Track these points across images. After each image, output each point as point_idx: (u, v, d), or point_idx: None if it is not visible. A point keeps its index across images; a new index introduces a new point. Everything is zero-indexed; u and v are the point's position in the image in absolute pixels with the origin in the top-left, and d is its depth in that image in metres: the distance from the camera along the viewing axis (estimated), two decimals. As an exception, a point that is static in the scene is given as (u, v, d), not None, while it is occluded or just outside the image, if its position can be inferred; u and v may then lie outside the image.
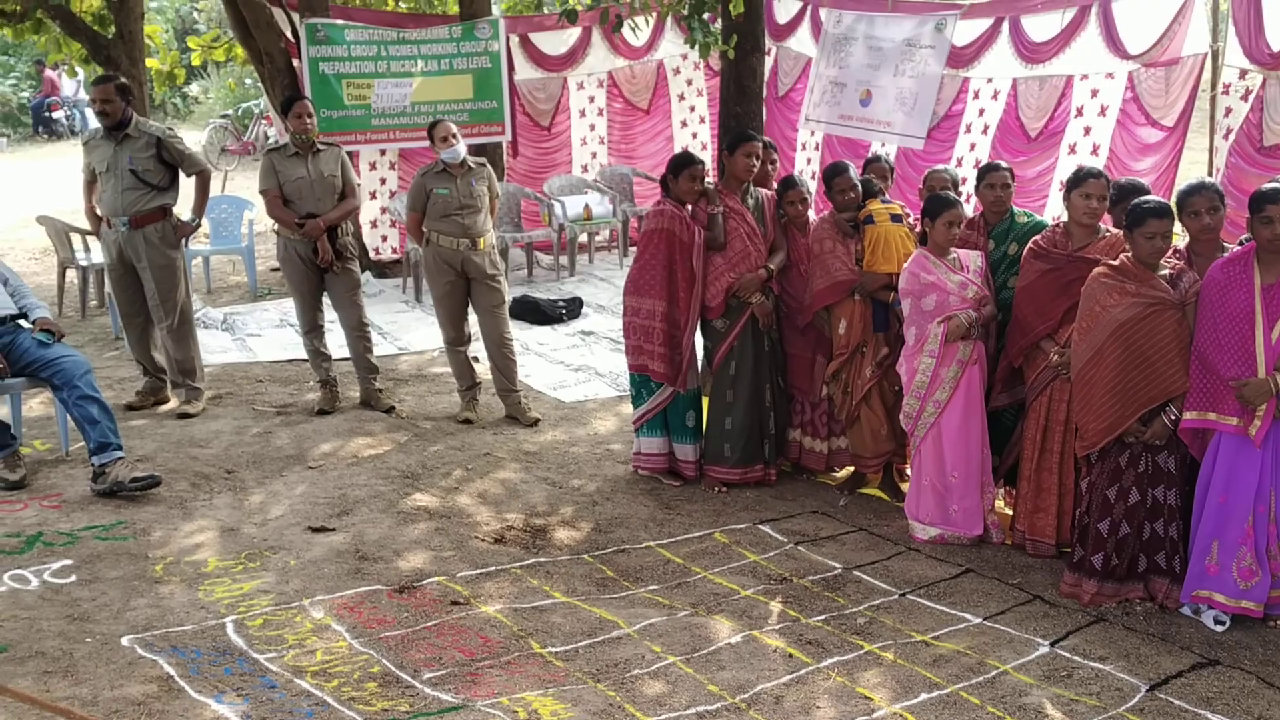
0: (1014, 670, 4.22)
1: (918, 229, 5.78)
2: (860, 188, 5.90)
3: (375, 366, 7.35)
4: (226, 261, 12.03)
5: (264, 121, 20.93)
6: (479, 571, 5.05)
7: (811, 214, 6.28)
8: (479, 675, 4.10)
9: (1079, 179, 5.12)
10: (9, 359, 5.88)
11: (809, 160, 11.61)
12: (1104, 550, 4.78)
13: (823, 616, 4.67)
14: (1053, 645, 4.42)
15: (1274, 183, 4.39)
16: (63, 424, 6.32)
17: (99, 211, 6.97)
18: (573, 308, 9.80)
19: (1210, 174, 8.14)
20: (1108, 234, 5.12)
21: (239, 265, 11.60)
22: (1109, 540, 4.77)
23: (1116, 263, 4.68)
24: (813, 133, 11.35)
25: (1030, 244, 5.29)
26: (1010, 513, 5.60)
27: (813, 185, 9.07)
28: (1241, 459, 4.43)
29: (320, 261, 6.87)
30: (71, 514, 5.50)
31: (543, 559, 5.23)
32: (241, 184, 15.57)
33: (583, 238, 11.67)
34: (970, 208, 6.41)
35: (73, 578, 4.82)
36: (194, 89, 25.33)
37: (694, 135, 12.86)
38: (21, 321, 6.08)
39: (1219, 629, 4.54)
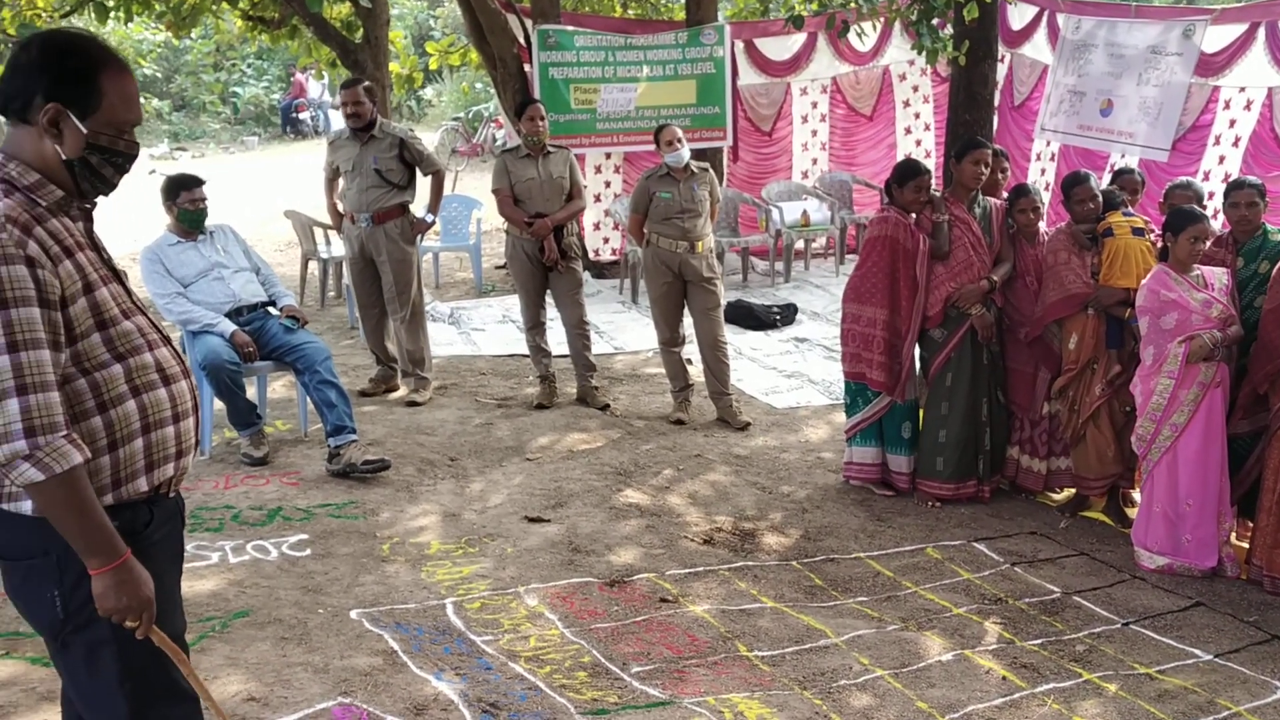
0: (1248, 713, 3.99)
1: (1159, 244, 5.54)
2: (1101, 199, 5.68)
3: (593, 364, 7.51)
4: (454, 258, 12.50)
5: (493, 125, 21.69)
6: (688, 571, 5.09)
7: (1042, 225, 6.08)
8: (686, 673, 4.14)
9: None
10: (259, 342, 6.28)
11: (1043, 171, 11.23)
12: (1355, 592, 4.46)
13: (1039, 641, 4.52)
14: (1292, 690, 4.16)
15: None
16: (303, 406, 6.72)
17: (342, 208, 7.37)
18: (787, 314, 9.77)
19: None
20: (1372, 253, 4.78)
21: (465, 262, 12.04)
22: (1361, 582, 4.45)
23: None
24: (1048, 143, 10.97)
25: (1282, 262, 4.99)
26: (1245, 545, 5.28)
27: (1046, 196, 8.77)
28: None
29: (546, 260, 7.07)
30: (308, 491, 5.84)
31: (751, 563, 5.24)
32: (470, 184, 16.16)
33: (799, 244, 11.61)
34: (1218, 224, 6.08)
35: (307, 551, 5.12)
36: (428, 93, 26.45)
37: (918, 143, 12.63)
38: (270, 308, 6.49)
39: None
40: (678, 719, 3.79)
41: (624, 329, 9.55)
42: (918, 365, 6.13)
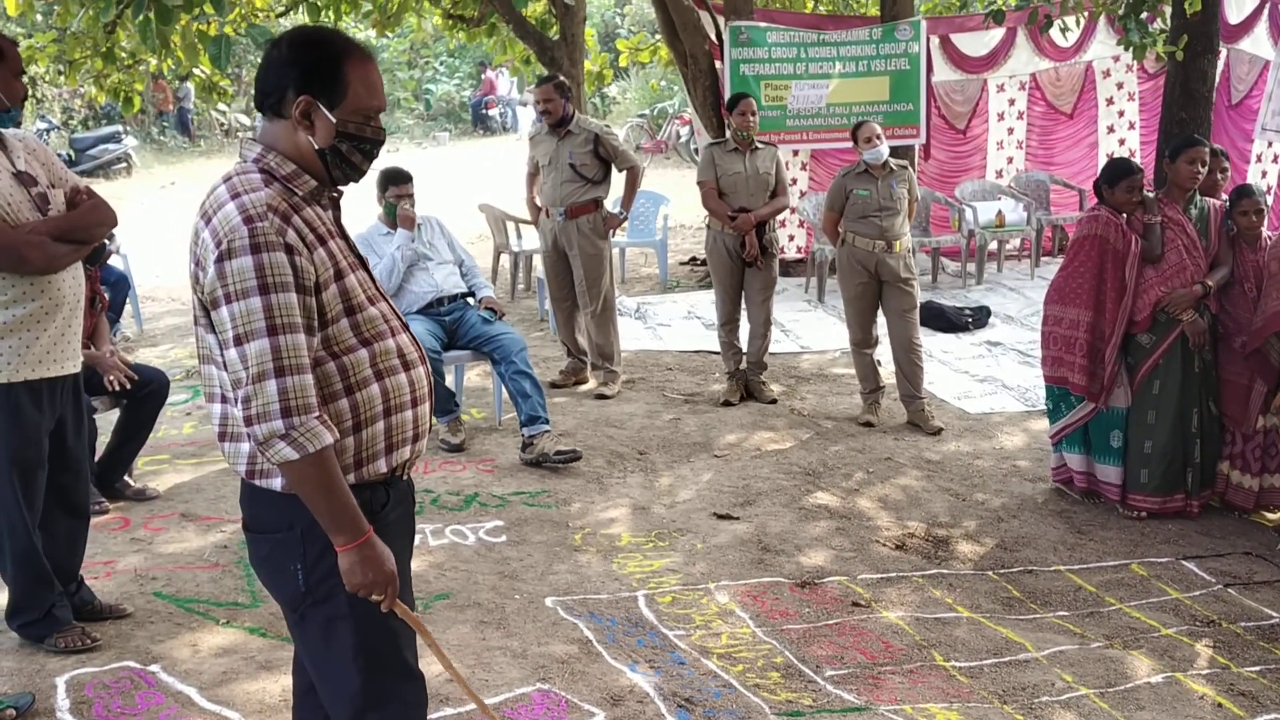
0: None
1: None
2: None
3: (765, 364, 7.50)
4: (640, 254, 12.61)
5: (677, 121, 21.81)
6: (879, 576, 5.01)
7: (1265, 230, 5.75)
8: (881, 679, 4.07)
9: None
10: (457, 332, 6.46)
11: (1264, 174, 10.64)
12: None
13: (1258, 668, 4.28)
14: None
15: None
16: (497, 395, 6.88)
17: (538, 202, 7.51)
18: (979, 317, 9.52)
19: None
20: None
21: (650, 258, 12.14)
22: None
23: None
24: (1270, 144, 10.36)
25: None
26: None
27: (1268, 200, 8.30)
28: None
29: (746, 256, 7.07)
30: (502, 479, 5.97)
31: (945, 571, 5.12)
32: (654, 180, 16.25)
33: (993, 245, 11.29)
34: None
35: (503, 538, 5.24)
36: (613, 90, 26.75)
37: (1121, 141, 12.13)
38: (469, 299, 6.67)
39: None
40: (874, 726, 3.73)
41: (810, 328, 9.46)
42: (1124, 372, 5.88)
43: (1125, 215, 5.71)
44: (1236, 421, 5.74)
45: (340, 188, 2.49)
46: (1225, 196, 5.85)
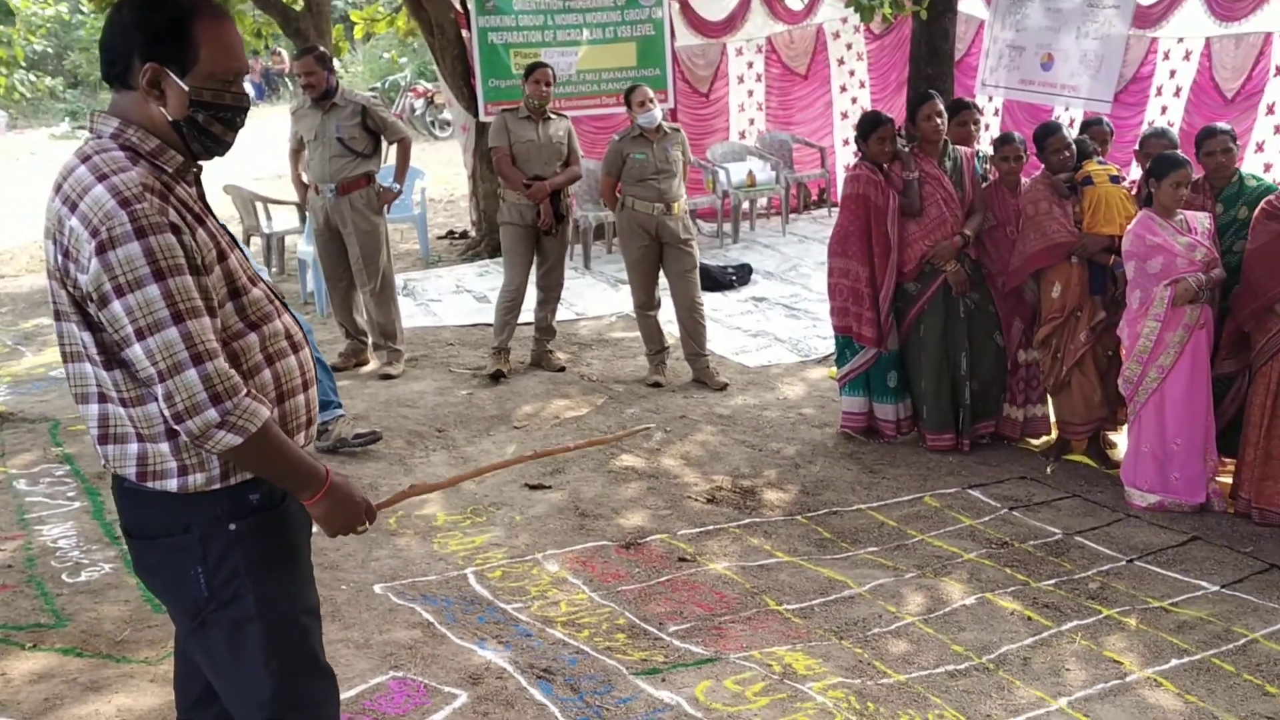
0: (1264, 639, 4.14)
1: (1134, 191, 5.68)
2: (1075, 148, 5.79)
3: (554, 330, 7.50)
4: (394, 230, 12.28)
5: (411, 94, 21.35)
6: (698, 530, 5.12)
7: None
8: (723, 630, 4.17)
9: None
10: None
11: (986, 127, 11.35)
12: (1345, 519, 4.65)
13: (1053, 581, 4.64)
14: (1302, 614, 4.33)
15: None
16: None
17: (306, 179, 7.21)
18: (742, 274, 9.81)
19: None
20: (1350, 193, 4.95)
21: (407, 234, 11.86)
22: (1350, 509, 4.64)
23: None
24: (990, 98, 11.11)
25: (1263, 204, 5.14)
26: (1227, 481, 5.46)
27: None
28: None
29: (541, 224, 7.00)
30: (299, 469, 5.72)
31: (757, 519, 5.28)
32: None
33: (745, 204, 11.65)
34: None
35: (314, 529, 5.01)
36: (337, 64, 25.91)
37: (854, 100, 12.71)
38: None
39: None
40: (729, 674, 3.81)
41: (581, 295, 9.50)
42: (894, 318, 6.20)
43: (886, 166, 5.99)
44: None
45: (201, 162, 2.30)
46: (993, 142, 6.23)
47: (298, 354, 2.37)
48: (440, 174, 14.97)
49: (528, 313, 7.46)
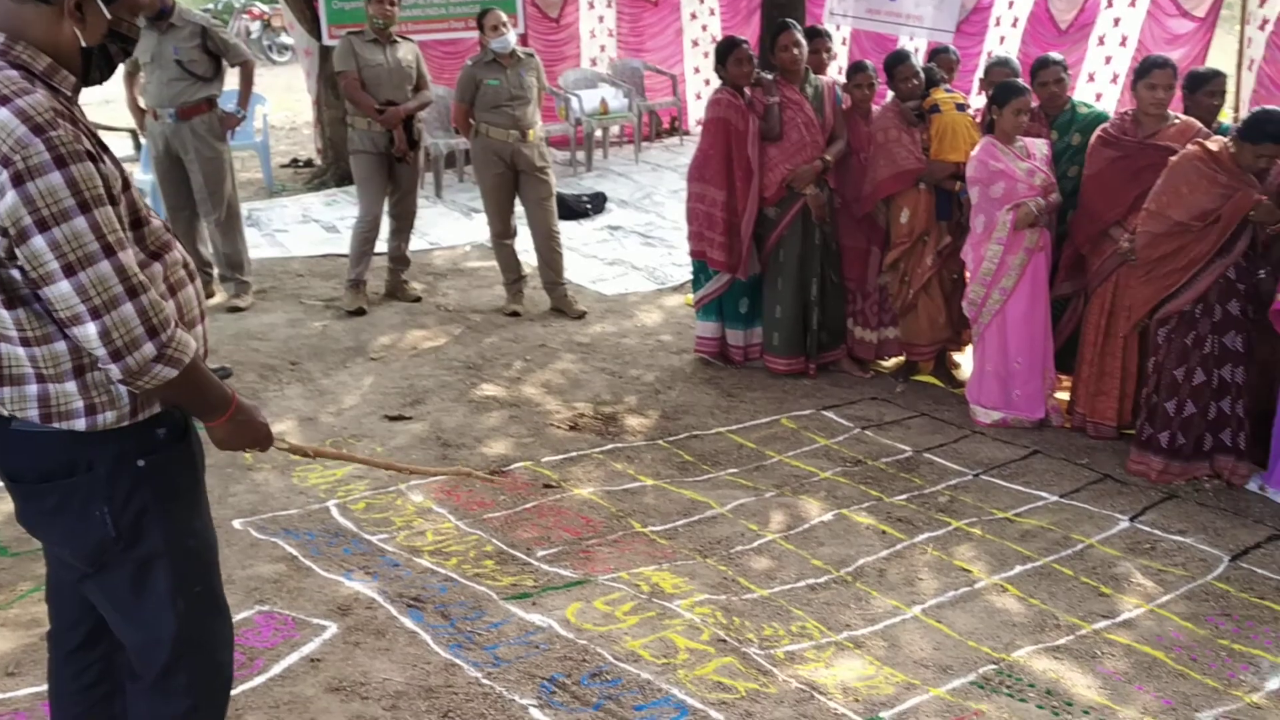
0: (1099, 544, 4.40)
1: (979, 119, 5.85)
2: (923, 76, 5.92)
3: (408, 259, 7.39)
4: (235, 158, 11.82)
5: (246, 16, 20.51)
6: (562, 457, 5.15)
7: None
8: (591, 552, 4.22)
9: (1144, 70, 5.18)
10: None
11: (834, 55, 11.49)
12: (1170, 429, 4.94)
13: (905, 496, 4.82)
14: (1132, 520, 4.60)
15: None
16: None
17: (142, 104, 6.88)
18: (597, 202, 9.80)
19: (1243, 65, 8.18)
20: (1177, 120, 5.19)
21: (249, 162, 11.46)
22: (1175, 419, 4.93)
23: (1214, 148, 4.74)
24: (838, 27, 11.24)
25: (1099, 132, 5.35)
26: (1064, 397, 5.74)
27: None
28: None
29: (396, 151, 6.83)
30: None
31: (620, 445, 5.34)
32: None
33: (598, 133, 11.59)
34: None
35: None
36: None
37: (704, 28, 12.72)
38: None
39: (1290, 503, 4.74)
40: (598, 595, 3.87)
41: (434, 224, 9.34)
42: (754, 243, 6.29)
43: (748, 91, 6.04)
44: (859, 283, 6.30)
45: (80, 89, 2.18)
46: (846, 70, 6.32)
47: (194, 283, 2.30)
48: (281, 100, 14.46)
49: (379, 243, 7.31)
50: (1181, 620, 3.87)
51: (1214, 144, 4.77)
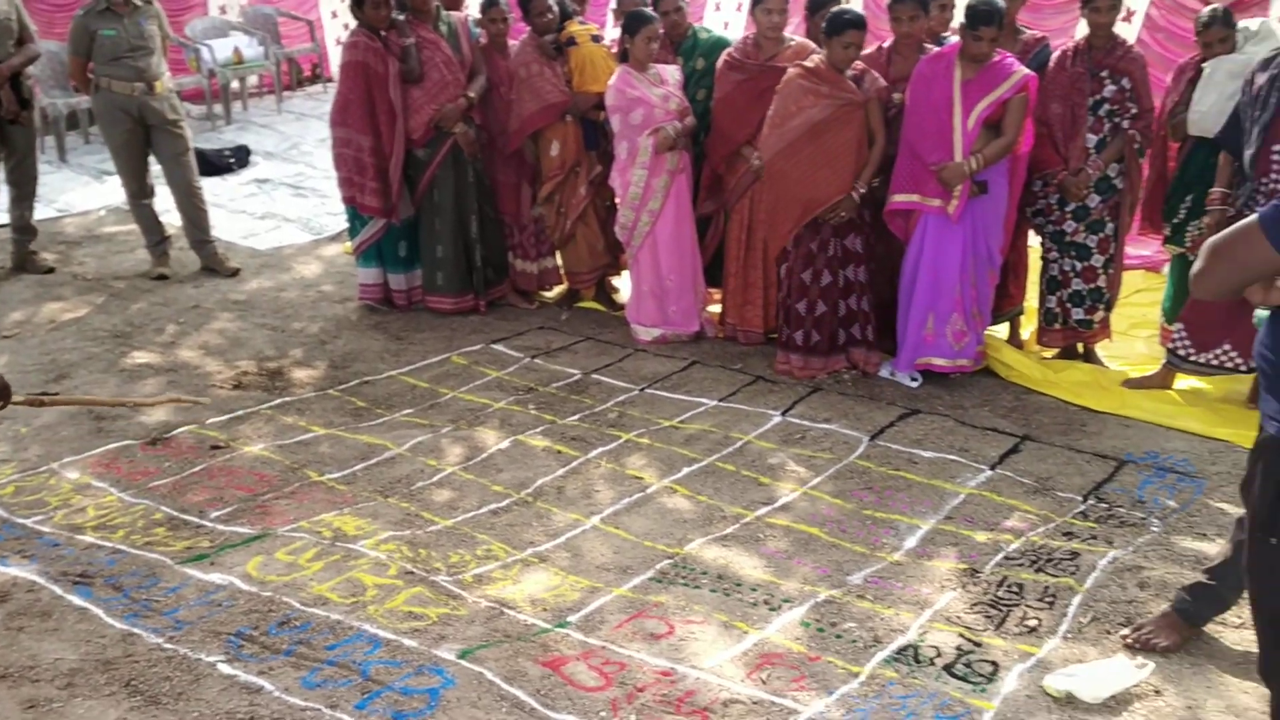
0: (756, 439, 4.74)
1: (613, 49, 6.04)
2: (557, 9, 6.04)
3: (35, 229, 6.87)
4: None
5: None
6: (228, 417, 4.99)
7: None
8: (267, 507, 4.15)
9: None
10: None
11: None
12: (804, 328, 5.37)
13: (576, 416, 5.00)
14: (783, 415, 4.98)
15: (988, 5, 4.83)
16: None
17: None
18: (240, 156, 9.41)
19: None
20: (793, 42, 5.57)
21: None
22: (808, 319, 5.36)
23: (811, 65, 5.13)
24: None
25: (724, 57, 5.66)
26: (714, 310, 6.10)
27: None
28: (946, 237, 5.05)
29: (5, 113, 6.25)
30: None
31: (289, 398, 5.23)
32: None
33: (235, 84, 11.07)
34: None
35: None
36: None
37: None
38: None
39: (914, 385, 5.26)
40: (279, 547, 3.82)
41: (62, 190, 8.69)
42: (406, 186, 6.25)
43: (383, 36, 5.96)
44: (514, 217, 6.39)
45: None
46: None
47: None
48: None
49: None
50: (831, 498, 4.25)
51: (811, 62, 5.17)
